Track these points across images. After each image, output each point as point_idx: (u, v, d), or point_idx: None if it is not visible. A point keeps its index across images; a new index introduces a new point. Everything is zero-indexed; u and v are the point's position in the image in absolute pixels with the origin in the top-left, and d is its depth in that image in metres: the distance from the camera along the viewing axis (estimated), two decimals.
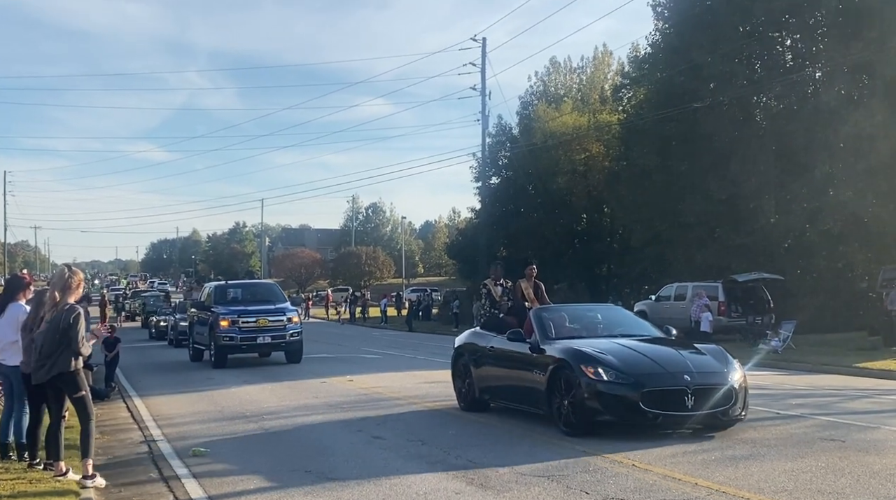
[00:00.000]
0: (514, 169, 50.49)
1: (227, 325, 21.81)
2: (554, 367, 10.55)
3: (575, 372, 10.16)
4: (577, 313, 13.02)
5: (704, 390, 9.88)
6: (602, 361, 10.16)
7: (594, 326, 12.18)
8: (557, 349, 10.80)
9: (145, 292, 62.52)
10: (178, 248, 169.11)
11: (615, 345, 10.82)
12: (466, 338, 13.52)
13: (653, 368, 10.13)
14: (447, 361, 23.40)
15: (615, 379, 9.92)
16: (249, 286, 27.11)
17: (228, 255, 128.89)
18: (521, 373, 11.36)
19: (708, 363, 10.42)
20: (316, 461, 9.39)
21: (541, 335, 11.36)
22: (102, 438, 11.31)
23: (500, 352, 12.02)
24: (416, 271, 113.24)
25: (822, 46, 33.09)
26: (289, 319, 22.55)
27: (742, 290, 29.25)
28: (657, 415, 9.78)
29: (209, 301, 23.89)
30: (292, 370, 20.81)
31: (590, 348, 10.57)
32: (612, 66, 52.45)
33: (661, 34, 38.92)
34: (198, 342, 24.45)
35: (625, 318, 13.08)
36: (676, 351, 10.80)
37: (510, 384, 11.80)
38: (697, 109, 33.85)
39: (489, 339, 12.57)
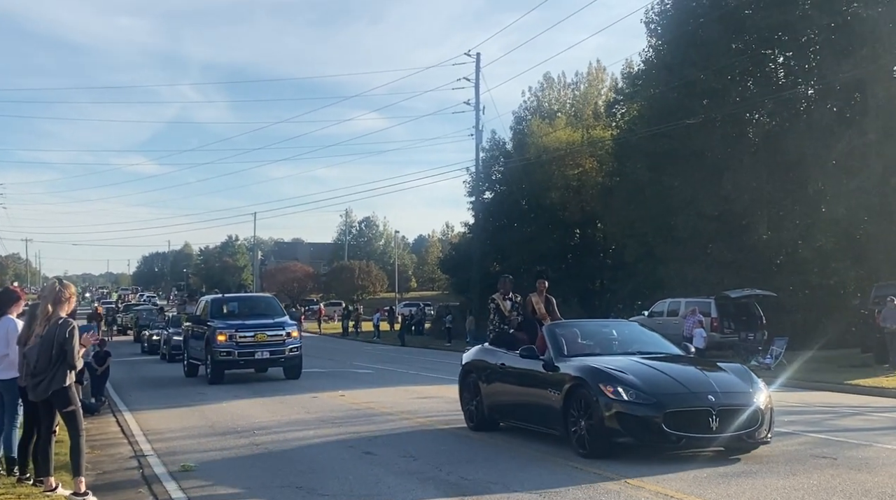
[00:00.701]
0: (507, 184, 50.56)
1: (225, 339, 21.19)
2: (570, 386, 10.10)
3: (593, 391, 9.71)
4: (591, 329, 12.65)
5: (729, 411, 9.48)
6: (622, 379, 9.72)
7: (609, 342, 11.78)
8: (573, 367, 10.35)
9: (138, 306, 62.29)
10: (169, 261, 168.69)
11: (634, 363, 10.40)
12: (475, 355, 12.99)
13: (675, 387, 9.71)
14: (439, 376, 23.52)
15: (636, 399, 9.48)
16: (247, 300, 26.44)
17: (220, 268, 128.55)
18: (534, 392, 10.91)
19: (732, 383, 10.00)
20: (307, 476, 9.35)
21: (555, 352, 10.88)
22: (92, 453, 11.23)
23: (512, 370, 11.54)
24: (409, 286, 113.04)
25: (815, 64, 33.28)
26: (288, 333, 21.97)
27: (734, 306, 29.27)
28: (680, 437, 9.35)
29: (205, 315, 23.15)
30: (283, 385, 20.74)
31: (608, 366, 10.13)
32: (606, 82, 52.64)
33: (654, 51, 39.09)
34: (193, 357, 23.81)
35: (640, 334, 12.49)
36: (699, 370, 10.43)
37: (522, 403, 11.35)
38: (690, 125, 33.96)
39: (499, 356, 12.05)
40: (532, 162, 46.80)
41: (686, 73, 34.45)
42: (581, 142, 47.12)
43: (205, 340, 21.88)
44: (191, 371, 24.00)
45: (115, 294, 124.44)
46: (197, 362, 23.48)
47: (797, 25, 32.48)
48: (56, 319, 8.16)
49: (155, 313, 48.02)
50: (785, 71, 35.39)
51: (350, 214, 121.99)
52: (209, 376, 21.53)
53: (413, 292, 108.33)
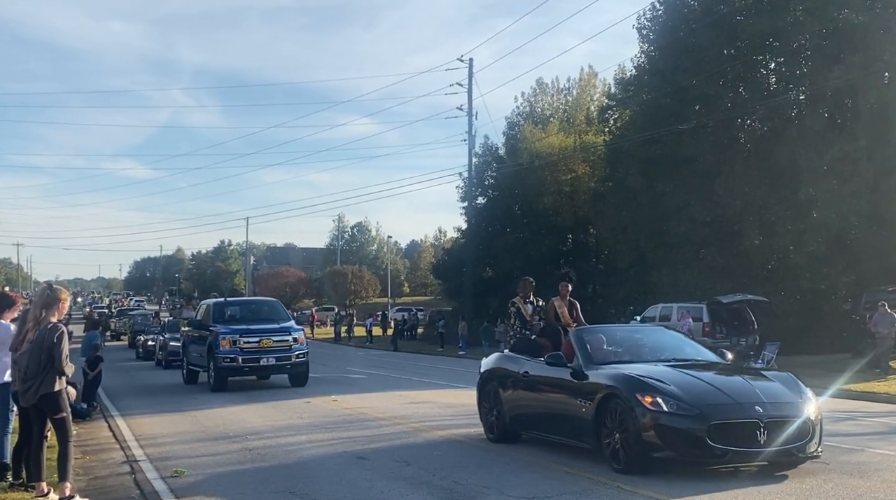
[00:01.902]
0: (500, 189, 50.60)
1: (228, 345, 20.32)
2: (603, 395, 9.44)
3: (629, 402, 9.05)
4: (620, 334, 11.96)
5: (778, 422, 8.83)
6: (661, 389, 9.06)
7: (640, 349, 11.06)
8: (606, 376, 9.71)
9: (132, 311, 61.98)
10: (161, 266, 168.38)
11: (672, 371, 9.76)
12: (495, 362, 12.31)
13: (719, 397, 9.02)
14: (432, 381, 23.53)
15: (677, 410, 8.81)
16: (251, 304, 25.52)
17: (213, 273, 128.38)
18: (562, 402, 10.26)
19: (779, 392, 9.36)
20: (300, 481, 9.34)
21: (584, 360, 10.24)
22: (84, 458, 11.21)
23: (536, 378, 10.89)
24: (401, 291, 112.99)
25: (806, 70, 33.42)
26: (294, 339, 21.19)
27: (726, 311, 29.33)
28: (725, 452, 8.67)
29: (207, 319, 22.18)
30: (276, 390, 20.69)
31: (645, 375, 9.47)
32: (598, 88, 52.75)
33: (646, 57, 39.22)
34: (193, 363, 22.98)
35: (673, 340, 11.79)
36: (743, 378, 9.77)
37: (548, 414, 10.69)
38: (682, 131, 34.07)
39: (522, 363, 11.37)
40: (525, 167, 46.85)
41: (678, 79, 34.56)
42: (573, 147, 47.18)
43: (207, 345, 21.09)
44: (190, 378, 23.23)
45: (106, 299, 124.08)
46: (197, 369, 22.79)
47: (789, 32, 32.63)
48: (46, 323, 8.15)
49: (150, 318, 47.54)
50: (776, 77, 35.54)
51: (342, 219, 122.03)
52: (212, 383, 20.79)
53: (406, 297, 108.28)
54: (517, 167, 47.59)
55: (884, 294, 25.00)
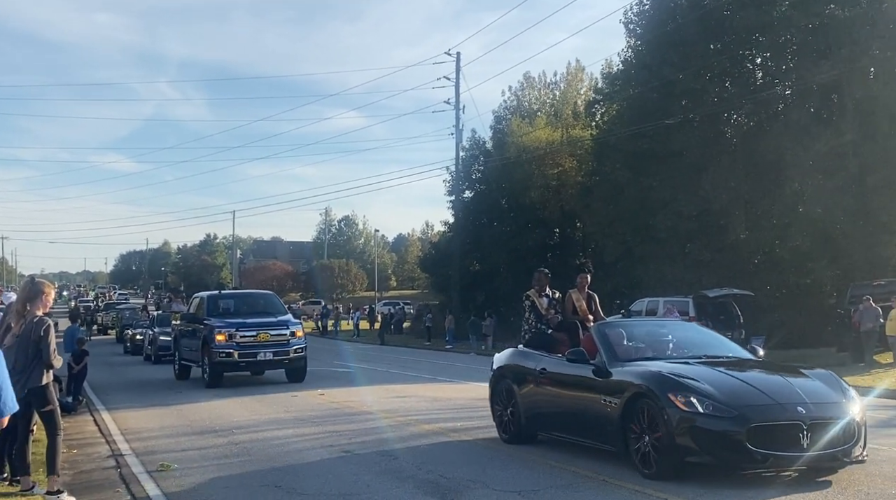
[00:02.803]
0: (487, 183, 50.60)
1: (224, 339, 19.70)
2: (631, 395, 8.84)
3: (660, 402, 8.44)
4: (644, 329, 11.31)
5: (822, 424, 8.20)
6: (695, 388, 8.43)
7: (665, 345, 10.47)
8: (634, 374, 9.10)
9: (119, 305, 61.56)
10: (147, 259, 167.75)
11: (706, 369, 9.15)
12: (509, 358, 11.59)
13: (758, 397, 8.39)
14: (420, 375, 23.55)
15: (713, 412, 8.19)
16: (246, 297, 24.69)
17: (199, 267, 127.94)
18: (584, 401, 9.67)
19: (821, 391, 8.73)
20: (285, 475, 9.33)
21: (608, 356, 9.63)
22: (69, 452, 11.17)
23: (556, 376, 10.30)
24: (388, 285, 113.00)
25: (792, 64, 33.50)
26: (292, 333, 20.58)
27: (712, 305, 29.43)
28: (766, 456, 8.03)
29: (201, 313, 21.46)
30: (263, 384, 20.67)
31: (677, 373, 8.87)
32: (585, 82, 52.74)
33: (633, 51, 39.24)
34: (185, 358, 22.39)
35: (700, 335, 11.17)
36: (781, 377, 9.12)
37: (568, 414, 10.10)
38: (669, 125, 34.13)
39: (539, 359, 10.77)
40: (512, 161, 46.86)
41: (665, 74, 34.61)
42: (560, 141, 47.20)
43: (201, 340, 20.46)
44: (182, 374, 22.67)
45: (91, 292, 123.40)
46: (189, 364, 22.26)
47: (775, 26, 32.70)
48: (31, 317, 8.12)
49: (138, 312, 47.03)
50: (763, 71, 35.62)
51: (329, 213, 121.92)
52: (207, 379, 20.10)
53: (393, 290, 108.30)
54: (504, 161, 47.60)
55: (869, 288, 25.13)
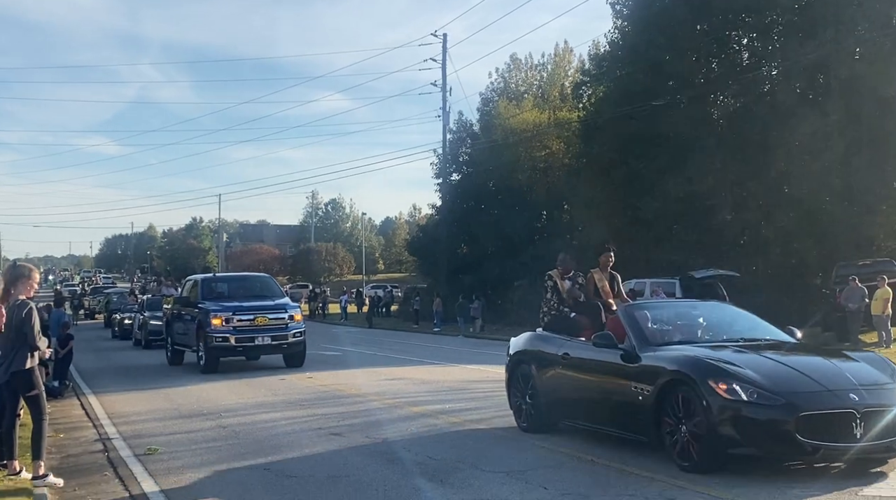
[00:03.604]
0: (474, 165, 50.58)
1: (220, 323, 19.16)
2: (666, 382, 8.23)
3: (700, 389, 7.82)
4: (676, 311, 10.60)
5: (875, 412, 7.58)
6: (738, 375, 7.83)
7: (697, 327, 9.82)
8: (668, 359, 8.47)
9: (107, 289, 61.22)
10: (133, 243, 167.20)
11: (746, 353, 8.56)
12: (528, 343, 10.96)
13: (807, 384, 7.80)
14: (408, 358, 23.58)
15: (758, 400, 7.59)
16: (241, 280, 24.10)
17: (185, 250, 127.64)
18: (613, 389, 9.06)
19: (871, 376, 8.10)
20: (274, 457, 9.33)
21: (638, 340, 9.00)
22: (56, 436, 11.15)
23: (580, 361, 9.68)
24: (376, 268, 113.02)
25: (779, 45, 33.51)
26: (290, 316, 20.01)
27: (699, 286, 29.53)
28: (816, 447, 7.45)
29: (195, 296, 20.93)
30: (251, 367, 20.64)
31: (717, 358, 8.26)
32: (573, 64, 52.72)
33: (620, 32, 39.18)
34: (179, 343, 21.85)
35: (734, 316, 10.43)
36: (827, 360, 8.56)
37: (594, 402, 9.50)
38: (656, 106, 34.11)
39: (561, 344, 10.15)
40: (499, 143, 46.83)
41: (651, 55, 34.57)
42: (548, 123, 47.19)
43: (196, 324, 19.94)
44: (175, 359, 22.09)
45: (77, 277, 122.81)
46: (182, 349, 21.78)
47: (761, 7, 32.71)
48: (14, 300, 8.07)
49: (126, 296, 46.60)
50: (749, 52, 35.63)
51: (316, 196, 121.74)
52: (202, 364, 19.54)
53: (380, 274, 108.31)
54: (491, 144, 47.57)
55: (854, 268, 25.26)
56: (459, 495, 7.40)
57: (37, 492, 7.69)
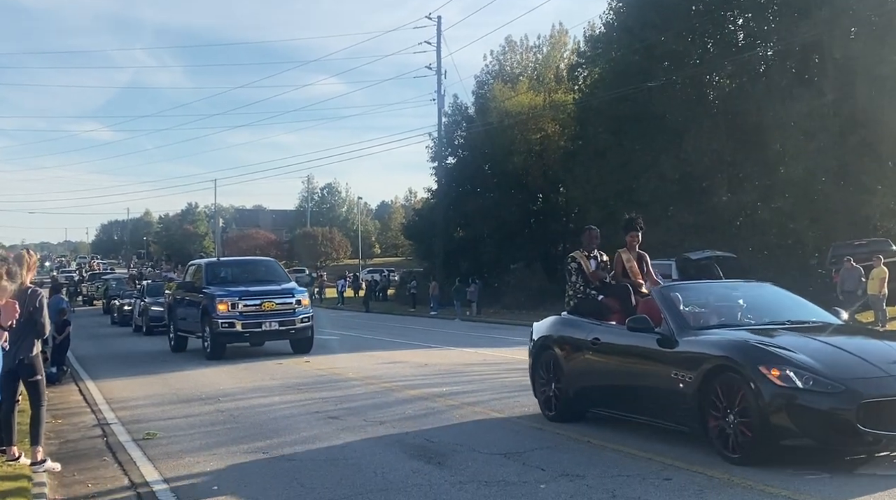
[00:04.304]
0: (470, 149, 50.47)
1: (226, 309, 18.79)
2: (711, 368, 7.70)
3: (750, 376, 7.30)
4: (714, 291, 10.06)
5: None
6: (792, 360, 7.32)
7: (739, 309, 9.25)
8: (711, 343, 7.95)
9: (106, 275, 61.03)
10: (129, 229, 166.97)
11: (796, 336, 8.05)
12: (553, 327, 10.41)
13: (866, 369, 7.28)
14: (404, 341, 23.61)
15: (814, 387, 7.09)
16: (246, 264, 23.64)
17: (181, 236, 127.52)
18: (649, 376, 8.54)
19: None
20: (272, 441, 9.36)
21: (677, 324, 8.48)
22: (55, 422, 11.18)
23: (612, 347, 9.17)
24: (372, 252, 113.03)
25: (774, 25, 33.43)
26: (298, 301, 19.63)
27: (695, 267, 29.51)
28: (879, 437, 6.97)
29: (199, 281, 20.55)
30: (248, 352, 20.64)
31: (766, 342, 7.74)
32: (568, 46, 52.52)
33: (614, 13, 39.06)
34: (182, 329, 21.48)
35: (776, 296, 9.87)
36: (882, 343, 8.03)
37: (628, 389, 8.98)
38: (651, 88, 34.06)
39: (590, 328, 9.62)
40: (495, 127, 46.71)
41: (646, 36, 34.49)
42: (543, 106, 47.06)
43: (201, 310, 19.52)
44: (178, 345, 21.72)
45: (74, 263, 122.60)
46: (186, 335, 21.54)
47: None
48: (24, 288, 8.08)
49: (125, 282, 46.26)
50: (744, 32, 35.53)
51: (312, 181, 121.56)
52: (208, 350, 19.23)
53: (377, 258, 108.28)
54: (487, 127, 47.45)
55: (850, 248, 25.30)
56: (457, 476, 7.44)
57: (36, 478, 7.71)
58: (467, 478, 7.36)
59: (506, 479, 7.29)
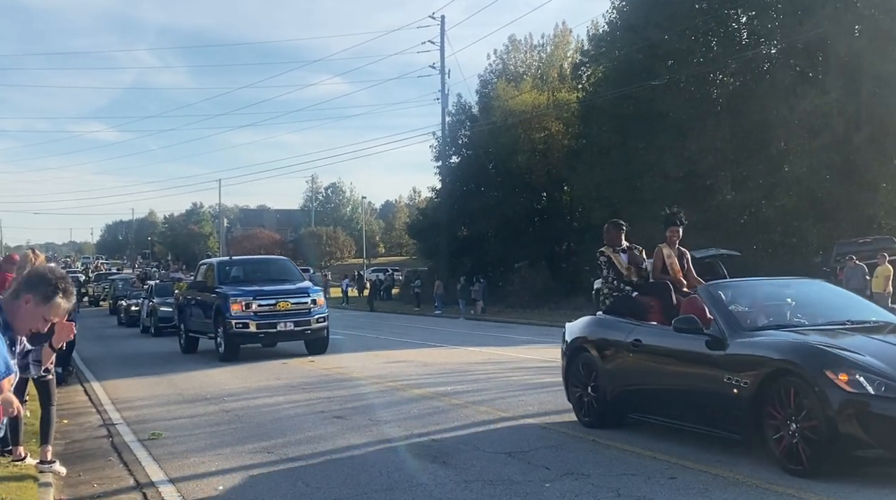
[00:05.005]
0: (474, 148, 50.46)
1: (240, 309, 18.35)
2: (769, 372, 7.16)
3: (815, 381, 6.77)
4: (765, 290, 9.41)
5: None
6: (861, 363, 6.76)
7: (788, 309, 8.68)
8: (769, 346, 7.40)
9: (112, 275, 60.92)
10: (133, 229, 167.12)
11: (862, 338, 7.46)
12: (588, 328, 9.87)
13: None
14: (409, 340, 23.62)
15: (886, 392, 6.55)
16: (258, 263, 23.26)
17: (186, 236, 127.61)
18: (697, 379, 8.02)
19: None
20: (277, 441, 9.38)
21: (728, 325, 7.93)
22: (60, 422, 11.17)
23: (656, 349, 8.66)
24: (377, 251, 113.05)
25: (777, 24, 33.39)
26: (313, 300, 19.17)
27: (699, 266, 29.41)
28: None
29: (211, 281, 20.15)
30: (253, 352, 20.63)
31: (831, 344, 7.18)
32: (572, 44, 52.47)
33: (618, 12, 39.03)
34: (193, 330, 21.04)
35: (832, 295, 9.44)
36: None
37: (672, 394, 8.48)
38: (655, 86, 34.03)
39: (629, 329, 9.11)
40: (498, 125, 46.70)
41: (650, 35, 34.47)
42: (547, 105, 47.03)
43: (214, 310, 19.09)
44: (189, 346, 21.31)
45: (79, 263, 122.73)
46: (197, 336, 21.12)
47: None
48: None
49: (131, 283, 45.98)
50: (748, 31, 35.48)
51: (316, 181, 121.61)
52: (221, 351, 18.84)
53: (381, 257, 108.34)
54: (491, 126, 47.44)
55: (854, 246, 25.27)
56: (462, 475, 7.44)
57: (42, 478, 7.73)
58: (472, 477, 7.37)
59: (511, 478, 7.30)
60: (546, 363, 16.32)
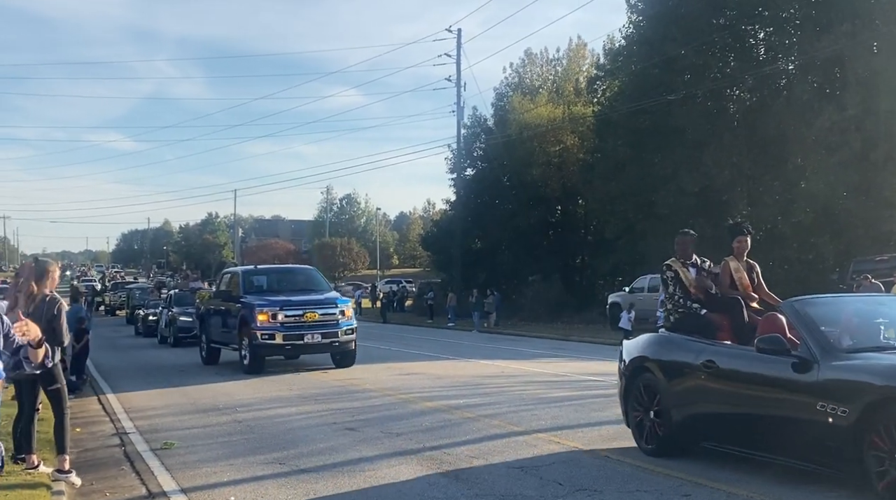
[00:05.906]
0: (489, 160, 50.52)
1: (267, 319, 17.71)
2: (874, 400, 6.41)
3: None
4: (855, 307, 8.38)
5: None
6: None
7: (878, 329, 7.73)
8: (872, 371, 6.62)
9: (129, 284, 60.89)
10: (149, 239, 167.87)
11: None
12: (651, 347, 9.01)
13: None
14: (421, 352, 23.60)
15: None
16: (284, 272, 22.66)
17: (201, 246, 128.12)
18: (784, 406, 7.21)
19: None
20: (289, 452, 9.37)
21: (820, 346, 7.09)
22: (73, 430, 11.19)
23: (732, 372, 7.83)
24: (390, 263, 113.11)
25: (795, 39, 33.33)
26: (342, 312, 18.50)
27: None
28: None
29: (235, 290, 19.50)
30: (267, 362, 20.63)
31: None
32: (587, 58, 52.52)
33: (634, 27, 39.02)
34: (215, 340, 20.46)
35: None
36: None
37: (754, 423, 7.60)
38: (671, 101, 33.99)
39: (700, 349, 8.27)
40: (513, 138, 46.75)
41: (667, 49, 34.44)
42: (562, 118, 47.07)
43: (238, 320, 18.49)
44: (210, 358, 20.75)
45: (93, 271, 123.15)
46: (218, 347, 20.59)
47: (777, 1, 32.51)
48: (42, 296, 8.13)
49: (148, 292, 45.65)
50: (765, 46, 35.43)
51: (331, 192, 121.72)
52: (246, 363, 18.24)
53: (395, 269, 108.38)
54: (506, 138, 47.48)
55: (871, 263, 25.10)
56: (473, 489, 7.42)
57: (55, 486, 7.74)
58: (484, 492, 7.34)
59: (523, 493, 7.26)
60: (559, 378, 16.28)
